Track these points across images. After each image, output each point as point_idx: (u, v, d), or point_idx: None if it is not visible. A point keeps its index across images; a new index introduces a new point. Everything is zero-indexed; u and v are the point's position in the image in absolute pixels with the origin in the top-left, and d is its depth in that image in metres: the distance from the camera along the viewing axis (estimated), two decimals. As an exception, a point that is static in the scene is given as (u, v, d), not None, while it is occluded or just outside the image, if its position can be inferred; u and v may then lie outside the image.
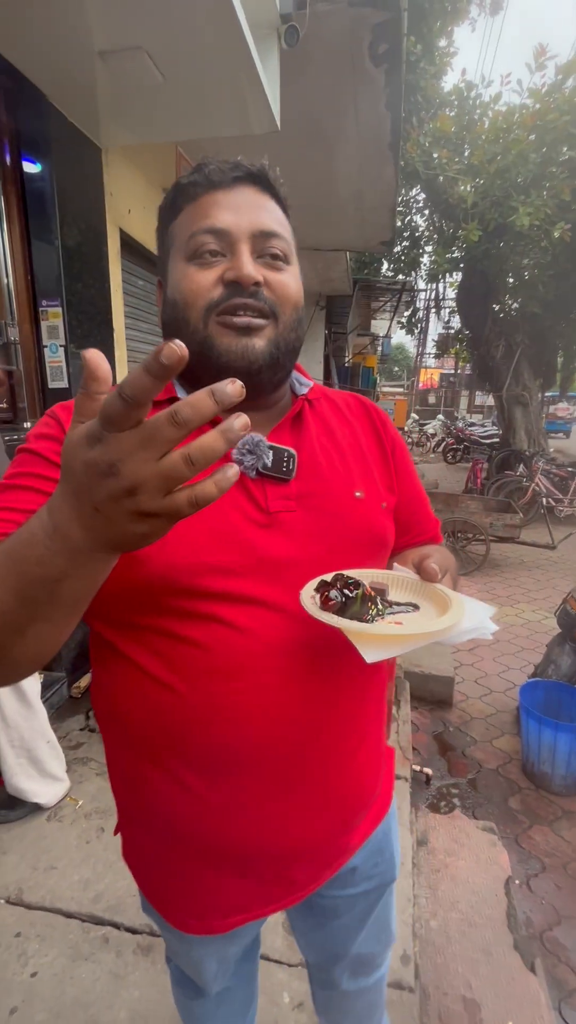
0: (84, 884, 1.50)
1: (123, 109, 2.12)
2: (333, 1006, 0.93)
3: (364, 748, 0.66)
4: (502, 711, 2.71)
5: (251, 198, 0.59)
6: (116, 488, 0.31)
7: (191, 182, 0.59)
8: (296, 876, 0.65)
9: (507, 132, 5.83)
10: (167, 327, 0.62)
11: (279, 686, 0.57)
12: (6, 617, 0.40)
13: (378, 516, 0.65)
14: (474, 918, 1.52)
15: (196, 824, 0.60)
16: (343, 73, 2.44)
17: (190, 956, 0.75)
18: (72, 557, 0.36)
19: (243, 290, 0.56)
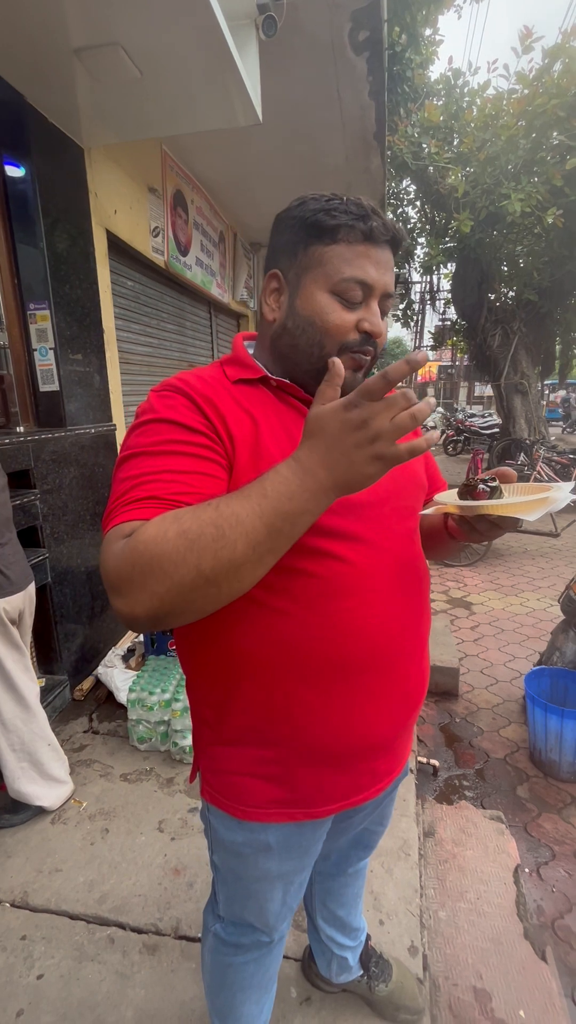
0: (89, 885, 1.49)
1: (103, 107, 2.11)
2: (333, 894, 1.10)
3: (425, 650, 0.82)
4: (508, 700, 2.68)
5: (388, 260, 0.70)
6: (364, 437, 0.49)
7: (353, 227, 0.66)
8: (378, 767, 0.79)
9: (496, 119, 5.78)
10: (290, 333, 0.71)
11: (378, 602, 0.71)
12: (256, 548, 0.51)
13: (418, 468, 0.84)
14: (483, 907, 1.51)
15: (307, 730, 0.71)
16: (324, 63, 2.42)
17: (262, 883, 0.83)
18: (314, 494, 0.51)
19: (370, 339, 0.69)
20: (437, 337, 12.16)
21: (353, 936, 1.16)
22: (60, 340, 2.24)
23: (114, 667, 2.37)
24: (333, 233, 0.67)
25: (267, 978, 0.98)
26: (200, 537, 0.50)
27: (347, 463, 0.50)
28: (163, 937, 1.36)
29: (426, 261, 7.38)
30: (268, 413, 0.69)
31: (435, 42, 6.41)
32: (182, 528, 0.50)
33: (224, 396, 0.68)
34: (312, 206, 0.68)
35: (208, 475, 0.60)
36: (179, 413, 0.64)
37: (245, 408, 0.68)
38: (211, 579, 0.50)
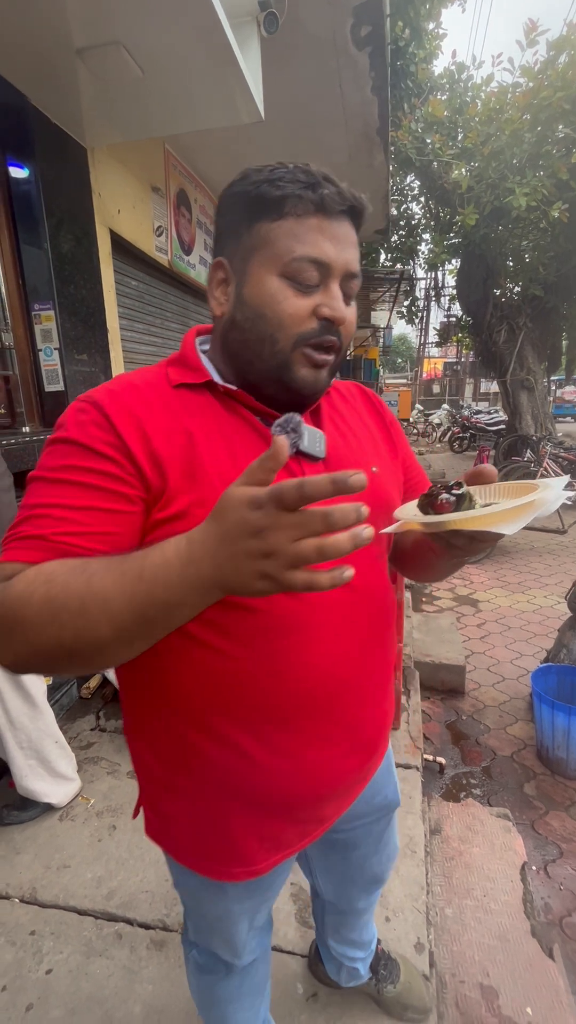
0: (97, 881, 1.50)
1: (106, 107, 2.12)
2: (347, 925, 1.06)
3: (386, 692, 0.75)
4: (515, 698, 2.67)
5: (348, 233, 0.60)
6: (256, 548, 0.38)
7: (301, 197, 0.57)
8: (326, 812, 0.72)
9: (500, 112, 5.74)
10: (238, 327, 0.61)
11: (323, 640, 0.63)
12: (122, 634, 0.45)
13: (391, 488, 0.72)
14: (490, 905, 1.50)
15: (244, 778, 0.64)
16: (326, 58, 2.42)
17: (225, 921, 0.79)
18: (195, 588, 0.42)
19: (333, 328, 0.59)
20: (442, 334, 12.10)
21: (365, 948, 1.14)
22: (65, 340, 2.26)
23: (120, 665, 2.38)
24: (279, 206, 0.57)
25: (256, 985, 0.95)
26: (63, 610, 0.45)
27: (233, 568, 0.40)
28: (170, 933, 1.36)
29: (431, 257, 7.34)
30: (209, 426, 0.60)
31: (438, 36, 6.37)
32: (49, 594, 0.45)
33: (155, 407, 0.59)
34: (254, 178, 0.59)
35: (107, 510, 0.53)
36: (86, 433, 0.56)
37: (181, 421, 0.59)
38: (74, 653, 0.46)
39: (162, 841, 0.74)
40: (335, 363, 0.63)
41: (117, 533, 0.54)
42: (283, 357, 0.60)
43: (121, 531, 0.54)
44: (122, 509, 0.54)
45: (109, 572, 0.45)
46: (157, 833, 0.74)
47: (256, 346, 0.60)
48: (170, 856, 0.75)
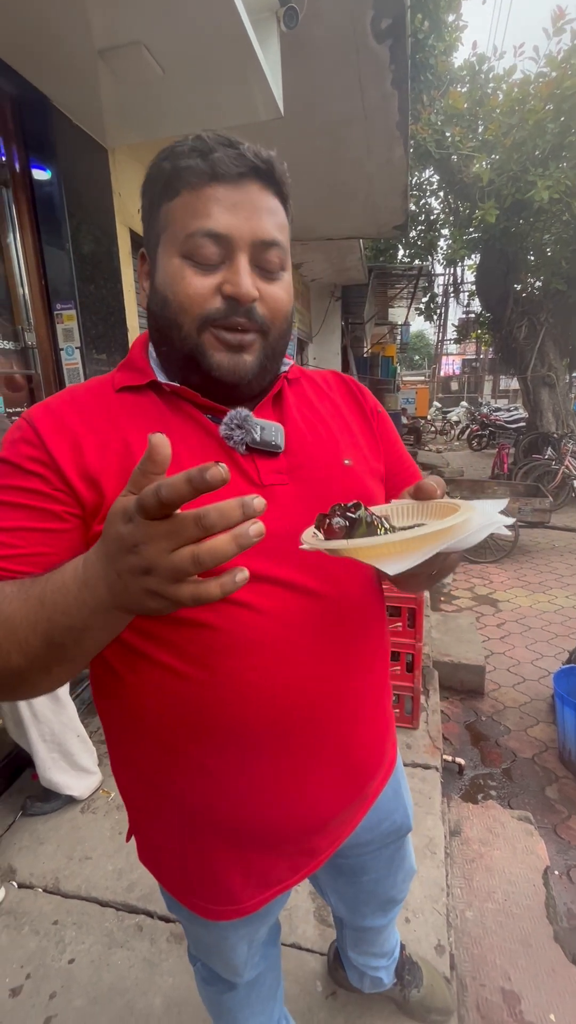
0: (118, 874, 1.52)
1: (126, 107, 2.13)
2: (367, 941, 1.04)
3: (377, 715, 0.68)
4: (536, 699, 2.63)
5: (255, 198, 0.54)
6: (135, 565, 0.34)
7: (191, 167, 0.52)
8: (318, 844, 0.67)
9: (523, 103, 5.63)
10: (155, 318, 0.58)
11: (292, 659, 0.57)
12: (34, 661, 0.43)
13: (368, 481, 0.65)
14: (511, 909, 1.48)
15: (218, 808, 0.60)
16: (346, 52, 2.39)
17: (222, 946, 0.76)
18: (95, 611, 0.39)
19: (240, 307, 0.54)
20: (461, 330, 11.95)
21: (388, 956, 1.11)
22: (86, 339, 2.28)
23: (140, 661, 2.40)
24: (175, 182, 0.53)
25: (265, 993, 0.92)
26: None
27: (123, 588, 0.36)
28: (190, 927, 1.37)
29: (449, 253, 7.25)
30: (151, 429, 0.54)
31: (459, 28, 6.28)
32: None
33: (94, 418, 0.56)
34: (157, 158, 0.55)
35: (37, 530, 0.52)
36: (16, 451, 0.54)
37: (119, 428, 0.56)
38: (8, 676, 0.44)
39: (152, 869, 0.72)
40: (265, 346, 0.57)
41: (49, 553, 0.52)
42: (192, 342, 0.55)
43: (53, 551, 0.52)
44: (52, 527, 0.52)
45: (16, 598, 0.44)
46: (147, 860, 0.72)
47: (168, 334, 0.57)
48: (160, 884, 0.73)
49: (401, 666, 2.03)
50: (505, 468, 7.31)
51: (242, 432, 0.57)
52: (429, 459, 9.23)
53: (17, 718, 1.62)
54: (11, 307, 2.14)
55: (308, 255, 6.07)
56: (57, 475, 0.53)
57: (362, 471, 0.65)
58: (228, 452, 0.57)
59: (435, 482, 0.51)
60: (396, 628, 2.01)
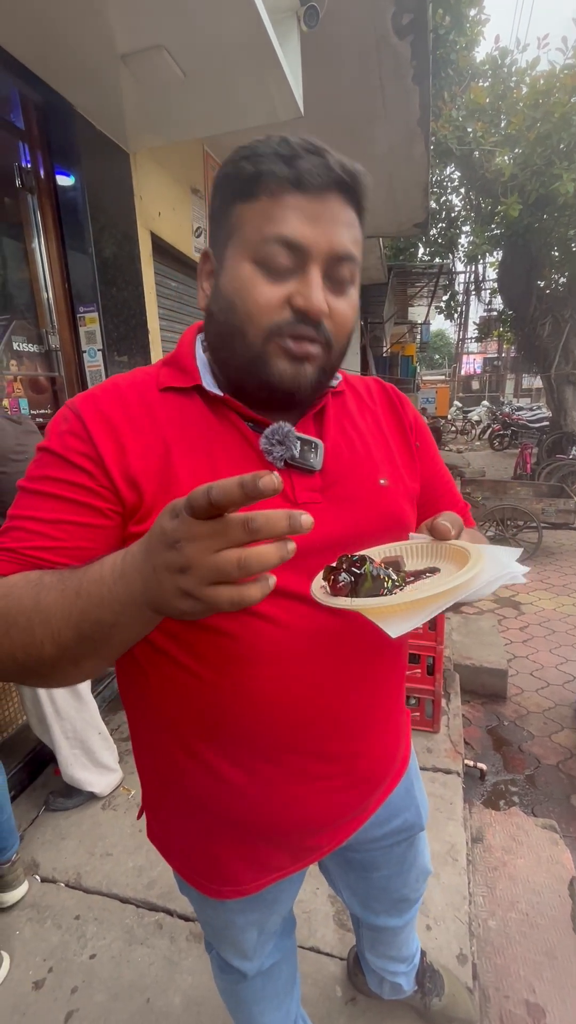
0: (138, 871, 1.53)
1: (148, 111, 2.15)
2: (383, 942, 1.03)
3: (388, 724, 0.69)
4: (561, 704, 2.57)
5: (336, 211, 0.52)
6: (173, 561, 0.34)
7: (274, 172, 0.50)
8: (319, 841, 0.69)
9: (547, 96, 5.51)
10: (215, 320, 0.57)
11: (303, 673, 0.58)
12: (65, 652, 0.43)
13: (402, 502, 0.64)
14: (536, 919, 1.45)
15: (224, 804, 0.63)
16: (367, 50, 2.38)
17: (231, 930, 0.77)
18: (127, 606, 0.39)
19: (309, 321, 0.52)
20: (482, 328, 11.77)
21: (407, 962, 1.09)
22: (108, 342, 2.31)
23: (160, 660, 2.42)
24: (253, 185, 0.51)
25: (280, 987, 0.92)
26: (12, 625, 0.44)
27: (156, 584, 0.36)
28: (209, 926, 1.38)
29: (471, 250, 7.14)
30: (192, 436, 0.56)
31: (480, 22, 6.18)
32: (3, 609, 0.45)
33: (137, 417, 0.56)
34: (235, 155, 0.54)
35: (80, 524, 0.52)
36: (64, 443, 0.54)
37: (160, 431, 0.56)
38: (26, 668, 0.45)
39: (160, 848, 0.74)
40: (326, 360, 0.56)
41: (89, 548, 0.52)
42: (255, 351, 0.54)
43: (93, 545, 0.53)
44: (94, 523, 0.53)
45: (54, 588, 0.44)
46: (156, 839, 0.74)
47: (229, 340, 0.55)
48: (168, 863, 0.75)
49: (422, 669, 2.01)
50: (528, 468, 7.18)
51: (282, 448, 0.56)
52: (450, 459, 9.11)
53: (40, 715, 1.65)
54: (35, 311, 2.18)
55: (327, 255, 6.05)
56: (103, 472, 0.53)
57: (397, 491, 0.64)
58: (266, 465, 0.57)
59: (450, 522, 0.51)
60: (416, 631, 1.99)
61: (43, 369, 2.21)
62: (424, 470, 0.70)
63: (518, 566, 0.47)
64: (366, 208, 0.56)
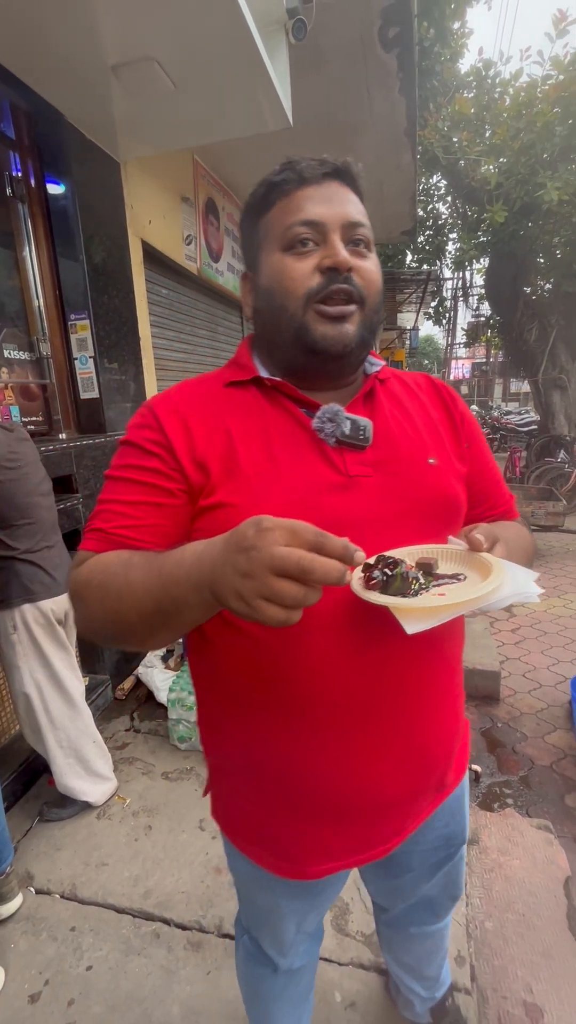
0: (134, 880, 1.52)
1: (138, 121, 2.17)
2: (397, 945, 1.03)
3: (443, 706, 0.70)
4: (553, 705, 2.59)
5: (338, 192, 0.62)
6: (240, 564, 0.40)
7: (283, 179, 0.62)
8: (382, 829, 0.69)
9: (530, 106, 5.63)
10: (261, 314, 0.66)
11: (355, 640, 0.61)
12: (145, 621, 0.51)
13: (451, 482, 0.67)
14: (532, 920, 1.45)
15: (284, 772, 0.65)
16: (354, 62, 2.42)
17: (274, 916, 0.80)
18: (195, 589, 0.45)
19: (338, 276, 0.59)
20: (470, 334, 11.90)
21: (426, 985, 1.08)
22: (99, 349, 2.31)
23: (154, 667, 2.41)
24: (269, 196, 0.63)
25: (300, 992, 0.95)
26: (107, 596, 0.53)
27: (221, 576, 0.42)
28: (207, 935, 1.37)
29: (458, 257, 7.23)
30: (250, 422, 0.63)
31: (464, 35, 6.30)
32: (101, 582, 0.54)
33: (204, 409, 0.64)
34: (252, 190, 0.66)
35: (156, 504, 0.60)
36: (141, 435, 0.63)
37: (223, 420, 0.63)
38: (115, 632, 0.54)
39: (220, 821, 0.77)
40: (363, 316, 0.62)
41: (163, 525, 0.60)
42: (298, 321, 0.61)
43: (166, 523, 0.60)
44: (166, 503, 0.61)
45: (142, 567, 0.51)
46: (217, 813, 0.78)
47: (275, 323, 0.63)
48: (226, 837, 0.77)
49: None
50: (517, 471, 7.25)
51: (332, 425, 0.61)
52: (440, 463, 9.13)
53: (34, 724, 1.63)
54: (26, 318, 2.18)
55: (317, 262, 6.10)
56: (172, 456, 0.61)
57: (446, 471, 0.67)
58: (319, 443, 0.62)
59: (484, 535, 0.55)
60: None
61: (34, 376, 2.21)
62: (474, 462, 0.73)
63: (534, 587, 0.52)
64: (362, 191, 0.66)
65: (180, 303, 3.38)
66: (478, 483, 0.73)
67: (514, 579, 0.51)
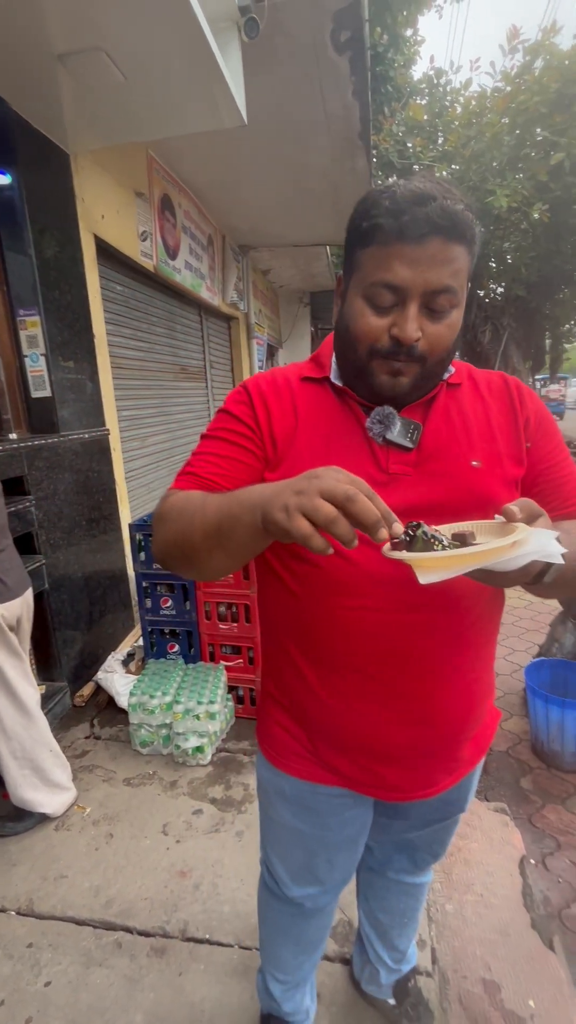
0: (95, 891, 1.48)
1: (88, 112, 2.11)
2: (373, 895, 1.11)
3: (459, 687, 0.75)
4: (509, 693, 2.69)
5: (436, 252, 0.61)
6: (299, 484, 0.49)
7: (382, 226, 0.61)
8: (389, 777, 0.78)
9: (480, 116, 5.83)
10: (339, 333, 0.73)
11: (378, 608, 0.69)
12: (208, 538, 0.60)
13: (492, 484, 0.71)
14: (490, 899, 1.51)
15: (308, 704, 0.78)
16: (307, 63, 2.43)
17: (281, 831, 0.90)
18: (254, 506, 0.53)
19: (403, 347, 0.64)
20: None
21: (394, 957, 1.15)
22: (51, 346, 2.24)
23: (114, 672, 2.36)
24: (369, 236, 0.64)
25: (305, 937, 1.03)
26: (181, 514, 0.64)
27: (274, 495, 0.50)
28: (171, 940, 1.35)
29: (415, 259, 7.41)
30: (317, 413, 0.73)
31: (416, 42, 6.46)
32: (182, 506, 0.65)
33: (282, 394, 0.75)
34: (359, 207, 0.66)
35: (240, 461, 0.72)
36: (236, 407, 0.76)
37: (295, 406, 0.74)
38: (182, 555, 0.65)
39: (259, 735, 0.90)
40: (421, 372, 0.67)
41: (244, 479, 0.71)
42: (361, 364, 0.69)
43: (246, 478, 0.72)
44: (248, 462, 0.73)
45: (218, 496, 0.61)
46: (259, 729, 0.90)
47: (346, 352, 0.71)
48: (260, 752, 0.90)
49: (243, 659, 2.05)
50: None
51: (382, 427, 0.69)
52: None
53: (-14, 735, 1.57)
54: (-28, 313, 2.08)
55: (276, 262, 6.12)
56: (257, 428, 0.74)
57: (489, 474, 0.71)
58: (369, 441, 0.71)
59: (520, 506, 0.55)
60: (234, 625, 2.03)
61: (-19, 374, 2.11)
62: (541, 460, 0.75)
63: (556, 546, 0.52)
64: (473, 240, 0.65)
65: (137, 300, 3.32)
66: (540, 483, 0.75)
67: (537, 541, 0.51)
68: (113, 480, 2.76)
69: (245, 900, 1.44)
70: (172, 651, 2.34)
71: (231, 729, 2.17)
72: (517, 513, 0.55)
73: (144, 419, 3.49)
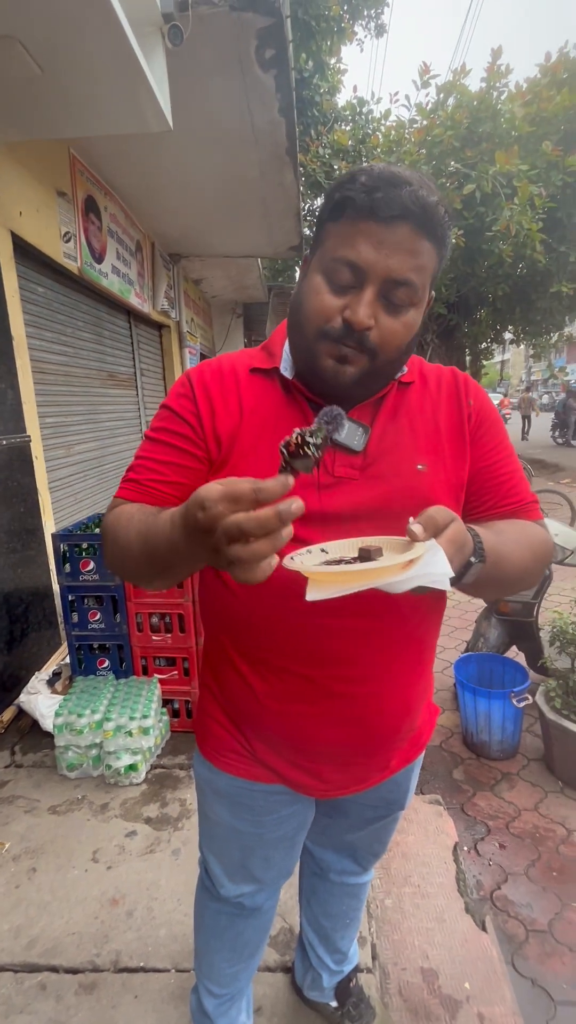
0: (15, 932, 1.36)
1: (1, 103, 2.01)
2: (316, 899, 1.10)
3: (393, 688, 0.75)
4: (441, 689, 2.80)
5: (403, 239, 0.58)
6: (204, 542, 0.45)
7: (355, 200, 0.58)
8: (325, 774, 0.78)
9: (400, 145, 6.19)
10: (292, 311, 0.69)
11: (311, 612, 0.64)
12: (139, 563, 0.60)
13: (438, 488, 0.70)
14: (427, 889, 1.54)
15: (245, 703, 0.77)
16: (233, 75, 2.47)
17: (217, 827, 0.88)
18: (174, 547, 0.51)
19: (354, 333, 0.61)
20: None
21: (336, 960, 1.14)
22: (-38, 346, 2.09)
23: (38, 693, 2.20)
24: (339, 209, 0.60)
25: (241, 941, 0.99)
26: (120, 538, 0.63)
27: (197, 552, 0.49)
28: (101, 973, 1.26)
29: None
30: (263, 410, 0.69)
31: (340, 71, 6.78)
32: (122, 526, 0.63)
33: (227, 387, 0.71)
34: (337, 181, 0.62)
35: (182, 466, 0.70)
36: (178, 402, 0.72)
37: (240, 401, 0.70)
38: (124, 570, 0.64)
39: (196, 731, 0.89)
40: (369, 366, 0.63)
41: (185, 483, 0.69)
42: (307, 345, 0.65)
43: (188, 482, 0.69)
44: (191, 465, 0.70)
45: (145, 521, 0.59)
46: (196, 725, 0.89)
47: (295, 330, 0.68)
48: (197, 749, 0.88)
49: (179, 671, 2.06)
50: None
51: (330, 427, 0.61)
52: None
53: None
54: None
55: (208, 271, 6.11)
56: (200, 426, 0.70)
57: (435, 477, 0.70)
58: None
59: (424, 521, 0.51)
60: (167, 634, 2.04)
61: None
62: (481, 458, 0.73)
63: (447, 570, 0.48)
64: (443, 238, 0.62)
65: (60, 303, 3.18)
66: (480, 480, 0.73)
67: (431, 563, 0.48)
68: (36, 490, 2.61)
69: (182, 921, 1.38)
70: (102, 667, 2.23)
71: (166, 744, 2.09)
72: (419, 535, 0.52)
73: (70, 426, 3.33)
